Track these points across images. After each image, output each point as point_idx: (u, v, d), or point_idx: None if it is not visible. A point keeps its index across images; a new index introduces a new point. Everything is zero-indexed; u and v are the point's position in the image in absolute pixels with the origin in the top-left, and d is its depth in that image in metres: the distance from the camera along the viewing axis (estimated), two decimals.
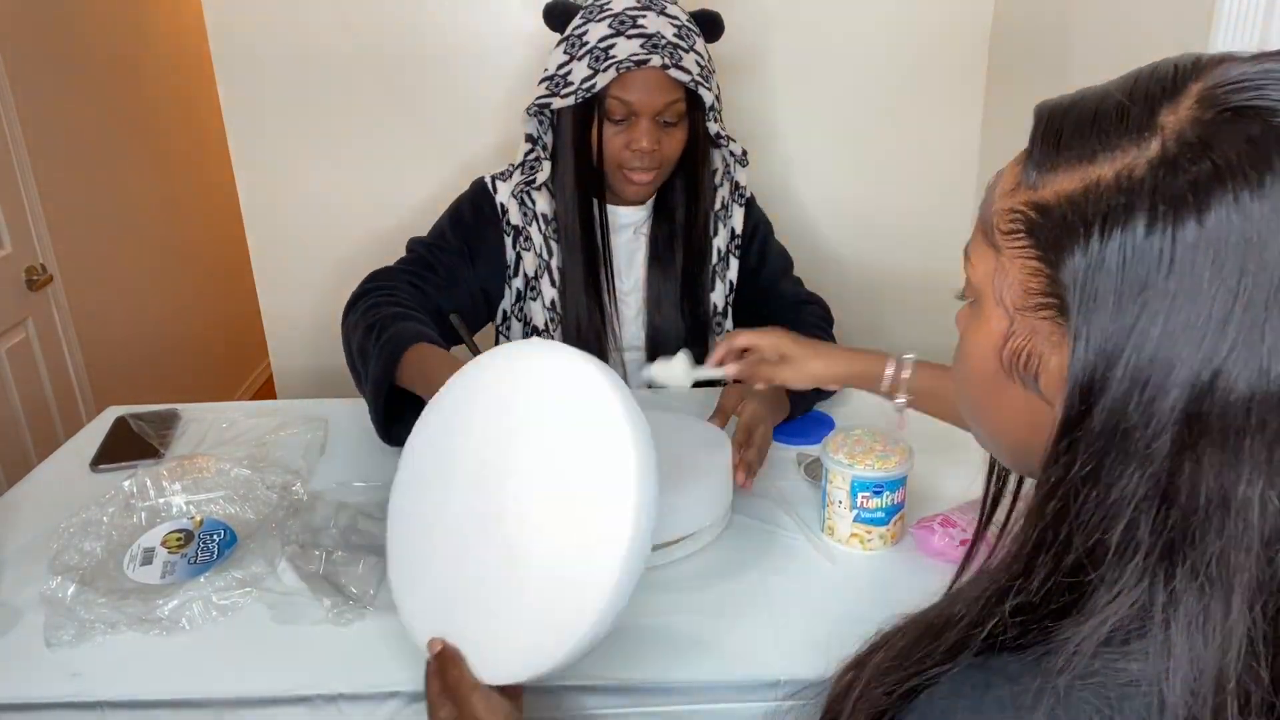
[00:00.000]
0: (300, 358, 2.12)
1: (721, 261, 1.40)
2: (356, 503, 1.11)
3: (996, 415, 0.53)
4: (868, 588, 0.97)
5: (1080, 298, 0.42)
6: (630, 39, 1.19)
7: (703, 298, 1.40)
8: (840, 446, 1.01)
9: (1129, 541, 0.42)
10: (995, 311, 0.49)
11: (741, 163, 1.36)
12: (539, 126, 1.31)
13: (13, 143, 2.12)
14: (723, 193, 1.38)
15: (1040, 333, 0.47)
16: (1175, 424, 0.40)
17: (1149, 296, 0.40)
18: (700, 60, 1.24)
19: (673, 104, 1.23)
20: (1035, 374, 0.48)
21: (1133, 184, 0.41)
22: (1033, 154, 0.47)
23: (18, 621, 0.93)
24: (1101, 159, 0.43)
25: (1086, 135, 0.44)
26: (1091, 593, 0.43)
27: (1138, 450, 0.41)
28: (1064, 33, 1.62)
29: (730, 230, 1.39)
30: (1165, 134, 0.42)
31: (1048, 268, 0.45)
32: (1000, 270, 0.48)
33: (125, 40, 2.72)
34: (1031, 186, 0.46)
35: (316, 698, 0.84)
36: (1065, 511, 0.44)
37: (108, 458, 1.26)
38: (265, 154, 1.95)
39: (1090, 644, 0.42)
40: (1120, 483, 0.42)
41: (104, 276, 2.54)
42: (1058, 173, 0.45)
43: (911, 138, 2.00)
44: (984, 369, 0.51)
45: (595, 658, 0.87)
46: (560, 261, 1.34)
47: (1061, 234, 0.44)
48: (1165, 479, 0.41)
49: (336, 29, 1.85)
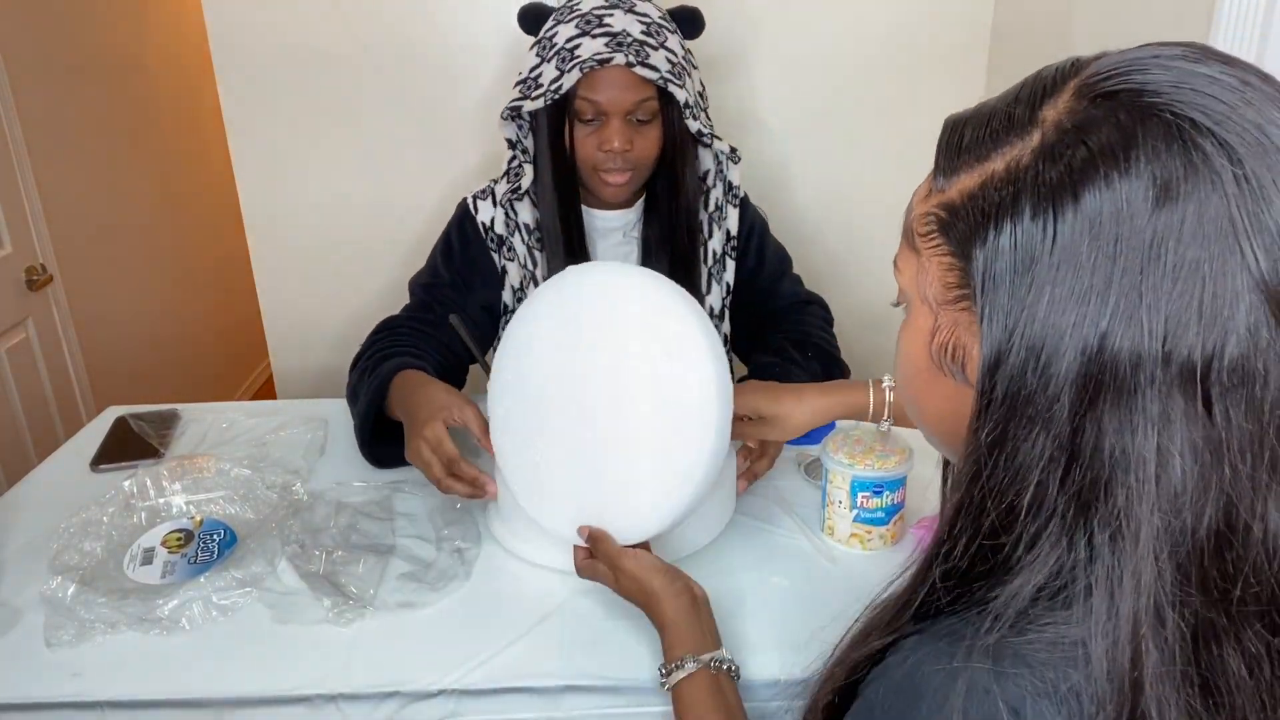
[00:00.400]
0: (300, 358, 2.12)
1: (717, 264, 1.38)
2: (356, 503, 1.11)
3: (933, 408, 0.56)
4: (868, 588, 0.96)
5: (982, 283, 0.46)
6: (595, 38, 1.17)
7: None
8: (840, 446, 1.01)
9: (1039, 502, 0.45)
10: (921, 310, 0.53)
11: (733, 159, 1.35)
12: (518, 131, 1.30)
13: (13, 143, 2.12)
14: (716, 194, 1.36)
15: (961, 324, 0.50)
16: (1071, 387, 0.43)
17: (1036, 272, 0.44)
18: (673, 57, 1.21)
19: (643, 102, 1.21)
20: (962, 364, 0.51)
21: (1019, 174, 0.45)
22: (939, 162, 0.51)
23: (18, 621, 0.93)
24: (995, 156, 0.47)
25: (982, 137, 0.48)
26: (1010, 553, 0.46)
27: (1039, 415, 0.44)
28: (1064, 32, 1.62)
29: (725, 232, 1.37)
30: (1045, 125, 0.45)
31: (960, 261, 0.48)
32: (922, 270, 0.52)
33: (125, 40, 2.72)
34: (941, 190, 0.50)
35: (316, 698, 0.84)
36: (977, 477, 0.47)
37: (108, 458, 1.26)
38: (265, 154, 1.95)
39: (1017, 602, 0.45)
40: (1025, 446, 0.45)
41: (104, 276, 2.54)
42: (960, 174, 0.49)
43: (912, 138, 2.00)
44: (917, 366, 0.54)
45: (596, 658, 0.87)
46: (544, 269, 1.33)
47: (967, 228, 0.47)
48: (1068, 440, 0.44)
49: (336, 29, 1.85)
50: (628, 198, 1.32)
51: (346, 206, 1.99)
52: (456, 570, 0.99)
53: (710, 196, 1.36)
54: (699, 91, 1.29)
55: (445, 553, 1.02)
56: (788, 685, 0.84)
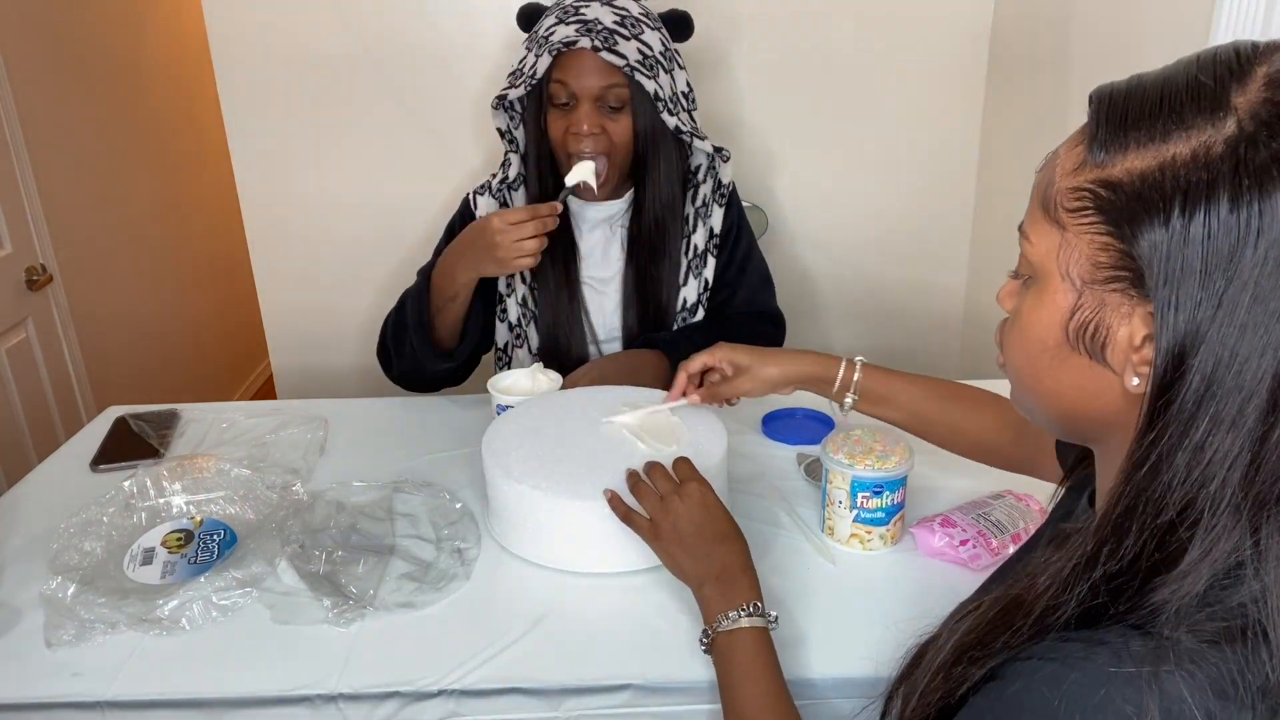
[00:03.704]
0: (300, 358, 2.12)
1: (698, 259, 1.40)
2: (356, 503, 1.11)
3: (1055, 385, 0.54)
4: (868, 588, 0.97)
5: (1165, 270, 0.44)
6: (568, 25, 1.23)
7: (655, 291, 1.39)
8: (840, 446, 1.01)
9: (1221, 500, 0.44)
10: (1060, 286, 0.51)
11: (722, 157, 1.37)
12: (509, 121, 1.35)
13: (13, 143, 2.12)
14: (705, 190, 1.39)
15: (1109, 304, 0.49)
16: (1267, 388, 0.43)
17: (1239, 267, 0.42)
18: (645, 50, 1.24)
19: (611, 88, 1.25)
20: (1102, 345, 0.50)
21: (1211, 160, 0.43)
22: (1096, 135, 0.48)
23: (18, 621, 0.93)
24: (1175, 137, 0.45)
25: (1155, 115, 0.46)
26: (1185, 550, 0.45)
27: (1230, 414, 0.44)
28: (1064, 33, 1.62)
29: (709, 229, 1.40)
30: (1240, 113, 0.44)
31: (1120, 241, 0.47)
32: (1065, 245, 0.50)
33: (126, 40, 2.72)
34: (1099, 165, 0.48)
35: (316, 698, 0.84)
36: (1158, 473, 0.46)
37: (108, 458, 1.26)
38: (265, 154, 1.95)
39: (1190, 599, 0.44)
40: (1214, 444, 0.44)
41: (104, 276, 2.54)
42: (1127, 151, 0.47)
43: (912, 138, 2.00)
44: (1045, 341, 0.53)
45: (595, 658, 0.87)
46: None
47: (1136, 209, 0.46)
48: (1259, 440, 0.43)
49: (336, 29, 1.85)
50: (607, 187, 1.34)
51: (346, 207, 1.99)
52: (456, 570, 0.99)
53: (699, 192, 1.39)
54: (683, 92, 1.32)
55: (445, 553, 1.02)
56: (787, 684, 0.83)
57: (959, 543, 0.98)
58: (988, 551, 0.98)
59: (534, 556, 1.01)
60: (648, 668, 0.86)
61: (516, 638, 0.90)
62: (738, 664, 0.77)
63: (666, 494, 0.88)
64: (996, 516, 1.02)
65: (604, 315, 1.43)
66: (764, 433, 1.28)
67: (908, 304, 2.15)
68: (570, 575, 0.98)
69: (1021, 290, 0.56)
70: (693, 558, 0.84)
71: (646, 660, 0.86)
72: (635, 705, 0.85)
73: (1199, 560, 0.44)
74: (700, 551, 0.84)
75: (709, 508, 0.87)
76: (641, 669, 0.85)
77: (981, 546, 0.98)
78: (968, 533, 0.99)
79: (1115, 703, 0.43)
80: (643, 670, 0.85)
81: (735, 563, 0.83)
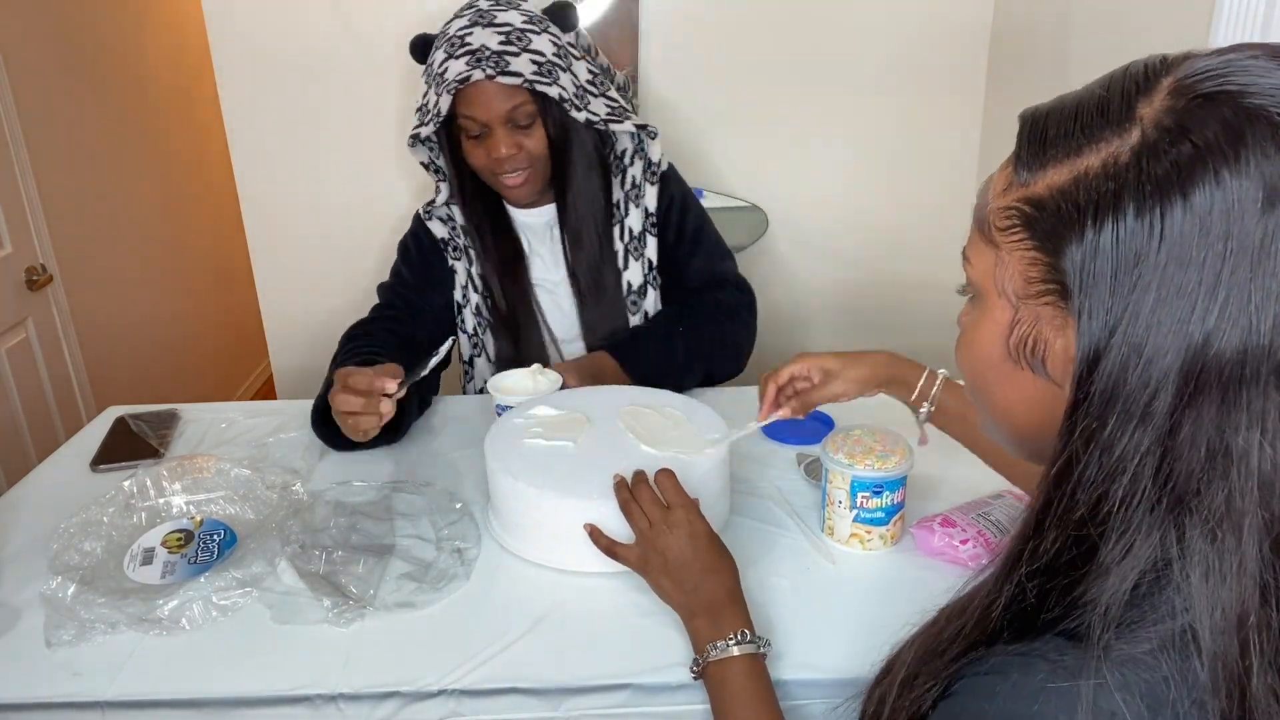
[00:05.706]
0: (300, 358, 2.12)
1: (634, 241, 1.41)
2: (356, 503, 1.11)
3: (1004, 402, 0.56)
4: (868, 588, 0.97)
5: (1080, 280, 0.46)
6: (458, 59, 1.23)
7: (601, 283, 1.41)
8: (840, 446, 1.01)
9: (1133, 495, 0.45)
10: (999, 303, 0.52)
11: (649, 134, 1.36)
12: (430, 153, 1.38)
13: (13, 143, 2.12)
14: (634, 172, 1.39)
15: (1044, 318, 0.50)
16: (1173, 383, 0.44)
17: (1142, 270, 0.44)
18: (539, 58, 1.24)
19: (517, 107, 1.25)
20: (1042, 358, 0.51)
21: (1119, 170, 0.45)
22: (1021, 155, 0.50)
23: (18, 621, 0.93)
24: (1087, 151, 0.46)
25: (1070, 132, 0.47)
26: (1098, 548, 0.46)
27: (1138, 410, 0.44)
28: (1064, 33, 1.62)
29: (644, 210, 1.40)
30: (1145, 123, 0.45)
31: (1046, 255, 0.48)
32: (1000, 264, 0.52)
33: (125, 40, 2.72)
34: (1024, 184, 0.49)
35: (316, 698, 0.84)
36: (1070, 471, 0.47)
37: (108, 458, 1.26)
38: (265, 154, 1.95)
39: (1117, 601, 0.44)
40: (1123, 440, 0.45)
41: (104, 276, 2.54)
42: (1047, 168, 0.48)
43: (912, 138, 2.00)
44: (990, 358, 0.54)
45: (595, 658, 0.87)
46: (479, 268, 1.43)
47: (1057, 224, 0.47)
48: (1166, 435, 0.44)
49: (336, 29, 1.85)
50: (538, 194, 1.37)
51: (346, 207, 1.99)
52: (456, 570, 0.99)
53: (627, 175, 1.40)
54: (588, 81, 1.32)
55: (445, 553, 1.02)
56: (788, 686, 0.84)
57: (959, 543, 0.98)
58: (988, 552, 0.98)
59: (534, 556, 1.01)
60: (648, 668, 0.86)
61: (516, 638, 0.90)
62: (730, 693, 0.77)
63: (655, 522, 0.88)
64: (996, 517, 1.02)
65: (561, 315, 1.45)
66: (764, 432, 1.28)
67: (908, 304, 2.15)
68: (570, 575, 0.98)
69: (968, 309, 0.57)
70: (681, 590, 0.85)
71: (646, 660, 0.86)
72: (634, 705, 0.85)
73: (1120, 559, 0.45)
74: (689, 584, 0.85)
75: (696, 538, 0.87)
76: (641, 669, 0.85)
77: (981, 547, 0.98)
78: (968, 533, 0.99)
79: (1047, 717, 0.44)
80: (642, 670, 0.85)
81: (723, 595, 0.84)
